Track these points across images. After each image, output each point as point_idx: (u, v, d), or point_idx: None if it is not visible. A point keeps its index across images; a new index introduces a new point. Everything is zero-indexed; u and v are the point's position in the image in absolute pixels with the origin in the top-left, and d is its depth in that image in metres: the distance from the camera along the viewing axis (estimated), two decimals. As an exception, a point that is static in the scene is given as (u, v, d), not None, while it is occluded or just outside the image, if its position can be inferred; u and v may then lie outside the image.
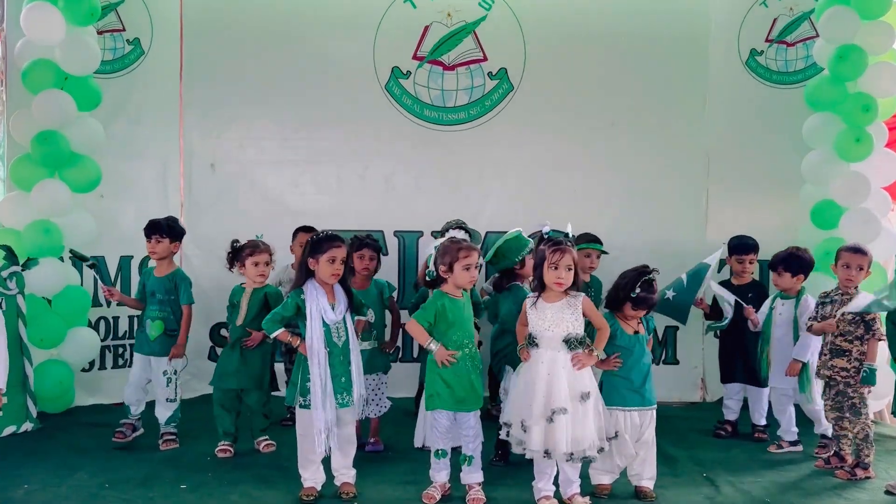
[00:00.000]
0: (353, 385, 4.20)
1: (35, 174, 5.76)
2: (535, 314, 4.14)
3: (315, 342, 4.13)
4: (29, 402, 5.51)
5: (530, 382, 4.08)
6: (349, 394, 4.19)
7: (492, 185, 6.88)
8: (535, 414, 4.02)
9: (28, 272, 5.54)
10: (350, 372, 4.20)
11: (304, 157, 6.83)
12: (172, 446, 5.14)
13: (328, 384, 4.12)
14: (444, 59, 6.83)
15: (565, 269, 4.07)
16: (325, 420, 4.10)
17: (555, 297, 4.13)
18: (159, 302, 5.18)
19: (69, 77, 5.78)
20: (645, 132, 6.83)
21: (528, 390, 4.07)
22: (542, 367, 4.07)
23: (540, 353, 4.10)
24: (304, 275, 4.23)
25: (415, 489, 4.34)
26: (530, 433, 4.03)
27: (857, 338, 4.75)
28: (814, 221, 6.11)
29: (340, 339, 4.20)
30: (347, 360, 4.21)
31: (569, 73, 6.82)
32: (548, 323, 4.09)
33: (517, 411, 4.12)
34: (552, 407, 4.00)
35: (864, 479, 4.70)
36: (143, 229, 5.24)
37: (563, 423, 3.98)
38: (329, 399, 4.11)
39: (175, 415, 5.22)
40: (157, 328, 5.16)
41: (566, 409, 3.98)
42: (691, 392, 6.85)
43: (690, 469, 4.88)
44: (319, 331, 4.14)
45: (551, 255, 4.07)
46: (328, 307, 4.19)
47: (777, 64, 6.82)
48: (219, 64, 6.73)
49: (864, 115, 5.86)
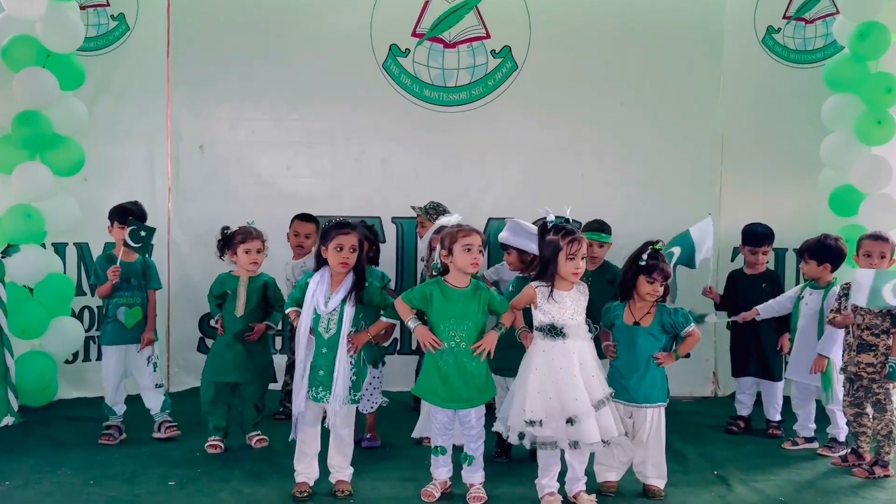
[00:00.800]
0: (333, 382, 4.16)
1: (15, 156, 5.76)
2: (554, 306, 4.11)
3: (301, 327, 4.21)
4: (10, 395, 5.52)
5: (560, 377, 4.05)
6: (326, 390, 4.17)
7: (494, 170, 6.89)
8: (582, 407, 4.00)
9: (8, 259, 5.56)
10: (332, 367, 4.17)
11: (298, 138, 6.83)
12: (174, 433, 5.17)
13: (307, 371, 4.19)
14: (444, 36, 6.82)
15: (581, 258, 4.10)
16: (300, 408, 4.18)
17: (567, 286, 4.14)
18: (136, 287, 5.19)
19: (51, 54, 5.77)
20: (656, 114, 6.83)
21: (558, 385, 4.04)
22: (573, 357, 4.06)
23: (569, 343, 4.08)
24: (319, 261, 4.30)
25: (413, 486, 4.35)
26: (581, 425, 3.99)
27: (884, 331, 4.76)
28: (832, 208, 6.11)
29: (328, 332, 4.20)
30: (332, 355, 4.18)
31: (576, 52, 6.81)
32: (570, 312, 4.11)
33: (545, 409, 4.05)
34: (597, 397, 4.04)
35: (884, 477, 4.70)
36: (114, 213, 5.24)
37: (588, 424, 4.00)
38: (303, 388, 4.17)
39: (167, 401, 5.24)
40: (135, 315, 5.17)
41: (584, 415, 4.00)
42: (703, 386, 6.87)
43: (701, 466, 4.89)
44: (308, 318, 4.19)
45: (568, 245, 4.06)
46: (322, 297, 4.20)
47: (795, 42, 6.80)
48: (208, 40, 6.72)
49: (886, 96, 5.84)
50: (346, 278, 4.25)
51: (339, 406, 4.18)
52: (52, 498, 4.18)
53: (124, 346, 5.20)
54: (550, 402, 4.03)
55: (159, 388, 5.23)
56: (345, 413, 4.24)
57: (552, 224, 4.20)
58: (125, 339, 5.20)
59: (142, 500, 4.18)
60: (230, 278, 5.14)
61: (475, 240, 4.17)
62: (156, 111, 6.70)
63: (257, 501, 4.18)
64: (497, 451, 4.88)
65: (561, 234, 4.10)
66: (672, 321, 4.35)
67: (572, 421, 3.99)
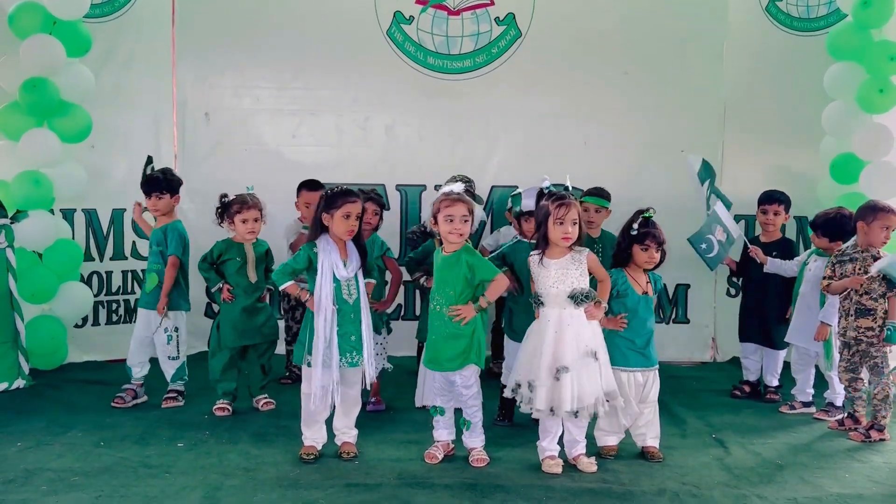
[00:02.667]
0: (363, 344, 4.21)
1: (23, 123, 5.75)
2: (541, 271, 4.16)
3: (324, 298, 4.13)
4: (20, 358, 5.56)
5: (538, 342, 4.12)
6: (359, 353, 4.20)
7: (498, 137, 6.85)
8: (542, 374, 4.06)
9: (18, 225, 5.56)
10: (361, 331, 4.21)
11: (302, 106, 6.80)
12: (173, 404, 5.17)
13: (333, 341, 4.13)
14: (448, 3, 6.75)
15: (571, 223, 4.07)
16: (328, 379, 4.13)
17: (559, 253, 4.13)
18: (155, 254, 5.20)
19: (57, 21, 5.73)
20: (659, 81, 6.78)
21: (536, 351, 4.12)
22: (549, 326, 4.10)
23: (546, 311, 4.14)
24: (318, 230, 4.23)
25: (417, 449, 4.38)
26: (536, 392, 4.08)
27: (881, 295, 4.77)
28: (833, 175, 6.10)
29: (351, 297, 4.20)
30: (358, 319, 4.21)
31: (580, 19, 6.75)
32: (552, 280, 4.11)
33: (525, 371, 4.15)
34: (557, 365, 4.05)
35: (879, 440, 4.73)
36: (141, 186, 5.23)
37: (568, 381, 4.02)
38: (334, 357, 4.13)
39: (180, 371, 5.26)
40: (151, 281, 5.18)
41: (568, 368, 4.02)
42: (702, 352, 6.90)
43: (700, 430, 4.92)
44: (329, 286, 4.14)
45: (556, 209, 4.07)
46: (340, 263, 4.18)
47: (798, 10, 6.73)
48: (212, 8, 6.67)
49: (888, 64, 5.80)
50: (350, 245, 4.25)
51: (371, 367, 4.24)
52: (63, 459, 4.21)
53: (146, 310, 5.21)
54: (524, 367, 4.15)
55: (172, 360, 5.22)
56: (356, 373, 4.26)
57: (547, 190, 4.22)
58: (142, 302, 5.25)
59: (151, 461, 4.21)
60: (232, 245, 5.12)
61: (457, 210, 4.13)
62: (161, 78, 6.68)
63: (264, 463, 4.20)
64: (500, 415, 4.91)
65: (551, 199, 4.12)
66: (657, 288, 4.46)
67: (531, 386, 4.07)
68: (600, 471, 4.17)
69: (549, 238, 4.12)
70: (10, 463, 4.13)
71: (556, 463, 4.16)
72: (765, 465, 4.36)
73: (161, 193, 5.19)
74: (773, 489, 4.01)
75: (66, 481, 3.91)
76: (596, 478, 4.09)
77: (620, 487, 3.97)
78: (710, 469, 4.26)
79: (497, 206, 6.57)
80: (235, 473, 4.05)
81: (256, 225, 5.06)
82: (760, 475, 4.20)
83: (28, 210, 5.67)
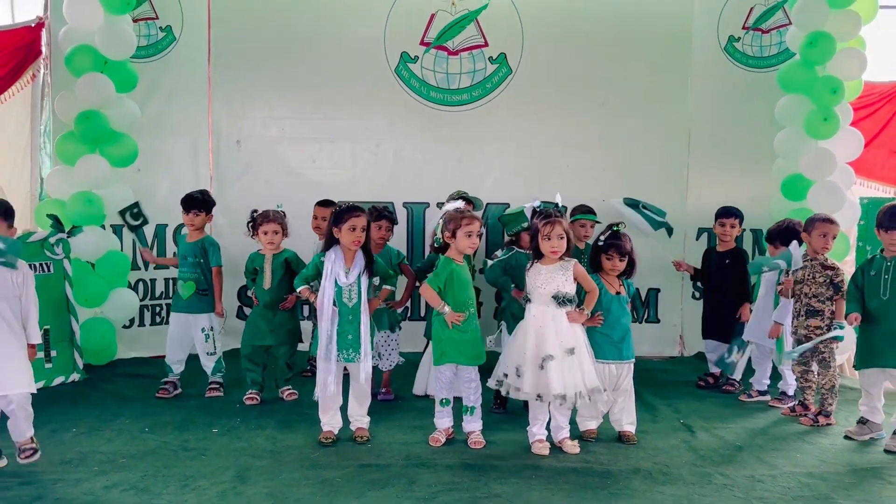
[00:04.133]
0: (360, 343, 4.18)
1: (78, 150, 5.74)
2: (532, 275, 4.17)
3: (325, 301, 4.15)
4: (76, 355, 5.55)
5: (523, 334, 4.13)
6: (355, 351, 4.18)
7: (492, 161, 6.83)
8: (528, 360, 4.06)
9: (73, 239, 5.55)
10: (359, 331, 4.18)
11: (322, 134, 6.78)
12: (215, 394, 5.17)
13: (333, 338, 4.15)
14: (448, 44, 6.75)
15: (557, 238, 4.08)
16: (329, 370, 4.15)
17: (550, 262, 4.15)
18: (191, 265, 5.19)
19: (108, 61, 5.74)
20: (632, 111, 6.77)
21: (522, 341, 4.12)
22: (534, 321, 4.11)
23: (531, 307, 4.15)
24: (330, 241, 4.24)
25: (422, 433, 4.37)
26: (524, 377, 4.07)
27: (828, 298, 4.76)
28: (784, 193, 6.09)
29: (351, 301, 4.19)
30: (357, 321, 4.18)
31: (563, 58, 6.74)
32: (540, 281, 4.13)
33: (512, 360, 4.15)
34: (542, 354, 4.04)
35: (826, 425, 4.72)
36: (182, 203, 5.23)
37: (553, 368, 4.02)
38: (333, 352, 4.15)
39: (218, 365, 5.25)
40: (188, 288, 5.17)
41: (553, 357, 4.02)
42: (671, 347, 6.88)
43: (669, 416, 4.90)
44: (331, 290, 4.16)
45: (543, 227, 4.09)
46: (342, 271, 4.18)
47: (753, 49, 6.74)
48: (244, 49, 6.67)
49: (831, 96, 5.80)
50: (358, 255, 4.24)
51: (368, 363, 4.20)
52: (113, 443, 4.21)
53: (183, 314, 5.20)
54: (511, 356, 4.16)
55: (210, 356, 5.22)
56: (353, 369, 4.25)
57: (538, 209, 4.23)
58: (181, 308, 5.21)
59: (189, 445, 4.20)
60: (258, 256, 5.13)
61: (475, 226, 4.18)
62: (199, 110, 6.66)
63: (288, 446, 4.19)
64: (495, 403, 4.89)
65: (540, 218, 4.12)
66: (629, 292, 4.44)
67: (518, 372, 4.07)
68: (582, 452, 4.16)
69: (541, 250, 4.12)
70: (66, 446, 4.12)
71: (543, 446, 4.14)
72: (726, 446, 4.34)
73: (199, 211, 5.19)
74: (734, 468, 4.00)
75: (114, 462, 3.90)
76: (578, 458, 4.08)
77: (600, 467, 3.96)
78: (679, 451, 4.24)
79: (493, 220, 6.57)
80: (263, 455, 4.04)
81: (276, 237, 5.04)
82: (723, 456, 4.18)
83: (82, 225, 5.66)
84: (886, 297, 4.36)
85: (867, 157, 6.30)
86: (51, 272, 5.40)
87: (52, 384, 5.33)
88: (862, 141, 6.04)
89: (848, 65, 5.86)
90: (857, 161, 6.10)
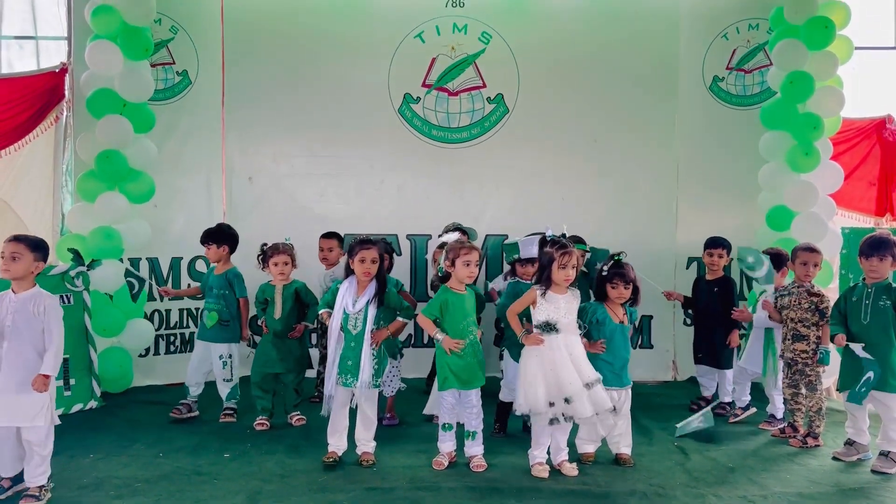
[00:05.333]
0: (359, 370, 4.16)
1: (98, 187, 5.79)
2: (549, 305, 4.10)
3: (333, 325, 4.21)
4: (94, 383, 5.53)
5: (556, 365, 4.03)
6: (353, 377, 4.16)
7: (490, 195, 6.86)
8: (575, 388, 3.99)
9: (92, 271, 5.57)
10: (359, 358, 4.16)
11: (329, 170, 6.82)
12: (228, 420, 5.15)
13: (335, 363, 4.19)
14: (448, 86, 6.83)
15: (571, 267, 4.08)
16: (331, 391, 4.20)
17: (562, 290, 4.13)
18: (215, 296, 5.20)
19: (127, 104, 5.80)
20: (623, 147, 6.81)
21: (556, 371, 4.02)
22: (563, 350, 4.05)
23: (559, 337, 4.07)
24: (348, 272, 4.30)
25: (426, 457, 4.34)
26: (575, 404, 3.99)
27: (814, 324, 4.76)
28: (769, 224, 6.11)
29: (355, 329, 4.20)
30: (359, 348, 4.18)
31: (557, 98, 6.81)
32: (563, 311, 4.09)
33: (547, 392, 4.02)
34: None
35: (814, 447, 4.69)
36: (209, 236, 5.30)
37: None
38: (333, 376, 4.19)
39: (233, 391, 5.24)
40: (212, 318, 5.18)
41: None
42: (664, 372, 6.84)
43: (664, 439, 4.86)
44: (339, 317, 4.20)
45: (560, 257, 4.06)
46: (350, 300, 4.21)
47: (736, 88, 6.81)
48: (255, 92, 6.74)
49: (812, 132, 5.86)
50: (370, 285, 4.25)
51: (364, 390, 4.18)
52: (129, 468, 4.19)
53: (205, 342, 5.21)
54: (550, 386, 4.02)
55: (227, 382, 5.21)
56: (368, 395, 4.24)
57: (550, 238, 4.22)
58: (204, 336, 5.23)
59: (202, 469, 4.18)
60: (268, 287, 5.13)
61: (473, 256, 4.19)
62: (213, 149, 6.72)
63: (297, 470, 4.17)
64: (496, 428, 4.86)
65: (556, 247, 4.11)
66: (631, 320, 4.42)
67: (568, 400, 3.99)
68: (581, 475, 4.13)
69: (552, 279, 4.10)
70: (84, 471, 4.10)
71: (543, 468, 4.11)
72: (719, 468, 4.31)
73: (220, 244, 5.21)
74: (726, 489, 3.96)
75: (130, 487, 3.88)
76: (577, 481, 4.05)
77: (598, 489, 3.93)
78: (674, 472, 4.21)
79: (492, 251, 6.59)
80: (272, 479, 4.02)
81: (286, 268, 5.06)
82: (715, 477, 4.15)
83: (101, 259, 5.67)
84: (867, 321, 4.35)
85: (847, 189, 6.35)
86: (71, 303, 5.40)
87: (71, 411, 5.30)
88: (842, 174, 6.09)
89: (826, 102, 5.92)
90: (838, 193, 6.14)
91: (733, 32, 6.76)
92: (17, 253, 3.63)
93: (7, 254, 3.64)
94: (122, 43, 5.70)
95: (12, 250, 3.64)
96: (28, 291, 3.66)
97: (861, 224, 6.53)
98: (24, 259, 3.63)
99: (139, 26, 5.80)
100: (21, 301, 3.63)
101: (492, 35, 6.78)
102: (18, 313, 3.61)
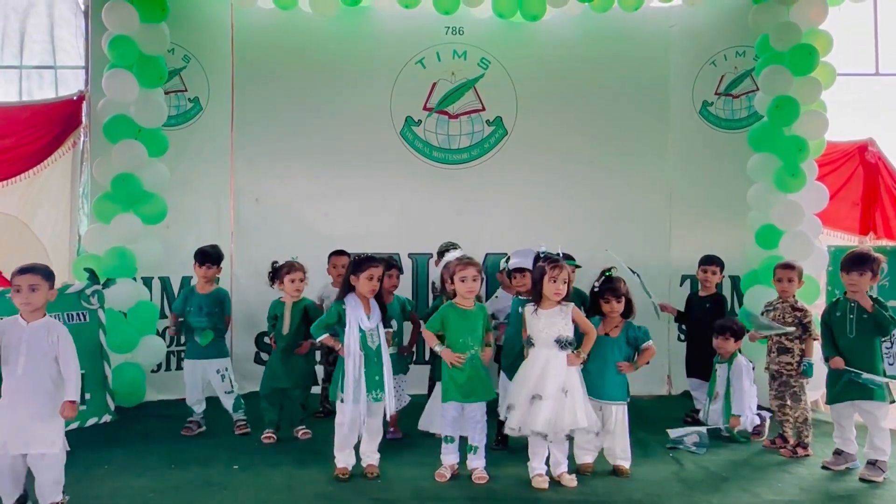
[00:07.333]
0: (384, 383, 4.17)
1: (113, 209, 5.84)
2: (534, 319, 4.16)
3: (352, 345, 4.13)
4: (108, 397, 5.55)
5: (525, 375, 4.12)
6: (382, 390, 4.17)
7: (490, 213, 6.89)
8: (521, 399, 4.05)
9: (107, 290, 5.60)
10: (383, 372, 4.18)
11: (333, 191, 6.86)
12: (244, 431, 5.16)
13: (361, 381, 4.11)
14: (449, 109, 6.90)
15: (562, 282, 4.10)
16: (357, 412, 4.11)
17: (550, 306, 4.15)
18: (207, 315, 5.19)
19: (142, 129, 5.87)
20: (618, 168, 6.87)
21: (522, 382, 4.11)
22: (537, 364, 4.09)
23: (536, 351, 4.12)
24: (346, 289, 4.26)
25: (428, 470, 4.35)
26: (512, 414, 4.07)
27: (797, 337, 4.80)
28: (758, 242, 6.15)
29: (374, 344, 4.20)
30: (381, 362, 4.19)
31: (553, 120, 6.87)
32: (542, 325, 4.12)
33: (511, 398, 4.16)
34: (533, 394, 4.03)
35: (804, 456, 4.71)
36: (195, 256, 5.24)
37: (540, 407, 4.00)
38: (362, 394, 4.11)
39: (238, 402, 5.25)
40: (207, 336, 5.18)
41: (541, 396, 4.01)
42: (659, 386, 6.84)
43: (659, 450, 4.88)
44: (356, 335, 4.14)
45: (551, 270, 4.09)
46: (364, 316, 4.19)
47: (725, 113, 6.88)
48: (263, 117, 6.80)
49: (798, 154, 5.91)
50: (372, 302, 4.27)
51: (392, 402, 4.19)
52: (142, 479, 4.21)
53: (199, 360, 5.21)
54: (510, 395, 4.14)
55: (229, 394, 5.23)
56: (376, 409, 4.23)
57: (542, 254, 4.26)
58: (197, 355, 5.22)
59: (212, 480, 4.19)
60: (279, 304, 5.16)
61: (469, 272, 4.20)
62: (222, 172, 6.77)
63: (303, 482, 4.18)
64: (497, 441, 4.87)
65: (546, 261, 4.15)
66: (635, 335, 4.38)
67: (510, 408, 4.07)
68: (579, 485, 4.14)
69: (542, 293, 4.14)
70: (98, 482, 4.13)
71: (543, 480, 4.13)
72: (712, 477, 4.33)
73: (212, 265, 5.25)
74: (720, 497, 3.98)
75: (143, 497, 3.90)
76: (576, 491, 4.07)
77: (597, 499, 3.95)
78: (669, 482, 4.23)
79: (492, 268, 6.62)
80: (280, 490, 4.03)
81: (302, 284, 5.10)
82: (709, 486, 4.17)
83: (116, 278, 5.72)
84: (853, 335, 4.39)
85: (832, 209, 6.40)
86: (86, 321, 5.44)
87: (86, 425, 5.32)
88: (827, 194, 6.14)
89: (811, 125, 5.99)
90: (824, 212, 6.19)
91: (721, 59, 6.85)
92: (35, 284, 3.57)
93: (25, 286, 3.55)
94: (138, 71, 5.79)
95: (30, 282, 3.56)
96: (40, 321, 3.60)
97: (846, 242, 6.58)
98: (41, 289, 3.58)
99: (154, 55, 5.89)
100: (34, 330, 3.57)
101: (490, 61, 6.87)
102: (33, 342, 3.54)
